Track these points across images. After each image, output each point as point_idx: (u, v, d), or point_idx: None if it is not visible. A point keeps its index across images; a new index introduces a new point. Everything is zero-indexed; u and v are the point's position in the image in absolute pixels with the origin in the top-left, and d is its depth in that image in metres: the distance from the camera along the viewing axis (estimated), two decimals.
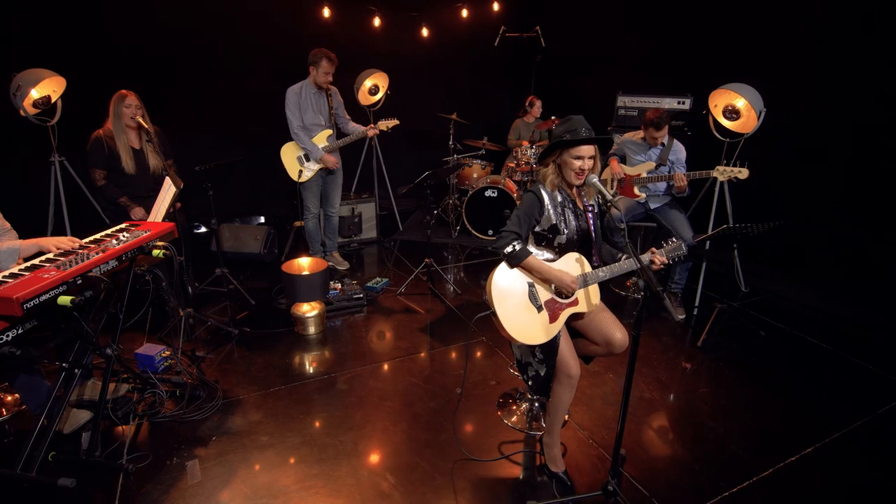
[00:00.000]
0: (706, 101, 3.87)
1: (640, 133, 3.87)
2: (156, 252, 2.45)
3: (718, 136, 3.90)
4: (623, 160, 3.99)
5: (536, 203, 2.18)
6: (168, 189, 2.88)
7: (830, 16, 3.90)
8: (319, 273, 3.43)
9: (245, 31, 5.29)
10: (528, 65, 6.61)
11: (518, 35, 5.87)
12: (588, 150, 2.09)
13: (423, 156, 6.63)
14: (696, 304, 3.95)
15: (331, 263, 4.51)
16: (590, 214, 2.27)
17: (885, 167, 3.73)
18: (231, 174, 4.99)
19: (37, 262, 2.12)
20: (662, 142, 3.78)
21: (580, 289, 2.19)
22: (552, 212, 2.18)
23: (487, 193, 5.20)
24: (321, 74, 3.93)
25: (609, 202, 1.96)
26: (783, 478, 2.33)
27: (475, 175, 5.68)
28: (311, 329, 3.46)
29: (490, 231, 5.37)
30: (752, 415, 2.78)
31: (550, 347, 2.17)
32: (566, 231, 2.19)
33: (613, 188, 4.02)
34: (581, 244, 2.26)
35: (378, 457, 2.42)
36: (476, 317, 2.22)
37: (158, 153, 3.45)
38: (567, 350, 2.18)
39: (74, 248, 2.25)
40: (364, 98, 5.42)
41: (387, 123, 4.14)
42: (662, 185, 3.82)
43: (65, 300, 1.94)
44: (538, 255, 2.20)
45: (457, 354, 3.32)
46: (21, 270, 2.02)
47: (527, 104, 6.00)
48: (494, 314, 2.14)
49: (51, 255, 2.19)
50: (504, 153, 6.12)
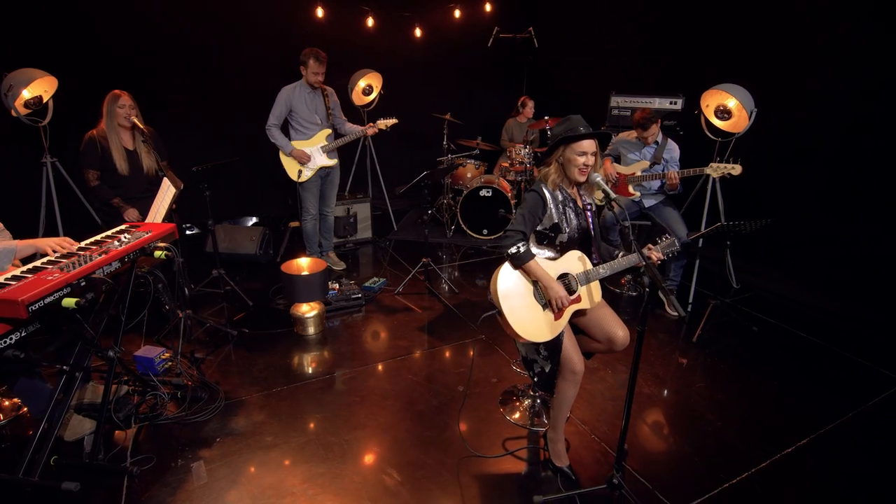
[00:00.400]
0: (698, 102, 3.94)
1: (634, 133, 3.93)
2: (157, 253, 2.43)
3: (710, 136, 3.97)
4: (617, 160, 4.04)
5: (540, 202, 2.21)
6: (167, 190, 2.86)
7: (820, 16, 4.00)
8: (319, 273, 3.43)
9: (238, 31, 5.26)
10: (521, 65, 6.65)
11: (512, 36, 5.90)
12: (590, 146, 2.13)
13: (417, 156, 6.63)
14: (690, 301, 4.02)
15: (327, 264, 4.49)
16: (589, 213, 2.30)
17: (870, 165, 3.83)
18: (227, 175, 4.94)
19: (38, 265, 2.09)
20: (656, 140, 3.84)
21: (583, 286, 2.22)
22: (554, 211, 2.21)
23: (482, 193, 5.23)
24: (310, 74, 3.93)
25: (613, 200, 2.00)
26: (780, 468, 2.40)
27: (469, 175, 5.70)
28: (311, 329, 3.46)
29: (485, 230, 5.38)
30: (748, 408, 2.84)
31: (554, 344, 2.20)
32: (568, 229, 2.22)
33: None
34: (581, 242, 2.30)
35: (383, 455, 2.43)
36: (483, 316, 2.24)
37: (153, 154, 3.42)
38: (571, 347, 2.21)
39: (72, 250, 2.23)
40: (358, 98, 5.43)
41: (386, 122, 4.14)
42: (656, 183, 3.88)
43: (69, 302, 1.93)
44: (540, 254, 2.23)
45: (457, 353, 3.34)
46: (23, 273, 2.00)
47: (519, 104, 6.05)
48: (500, 313, 2.16)
49: (52, 257, 2.17)
50: (497, 153, 6.16)
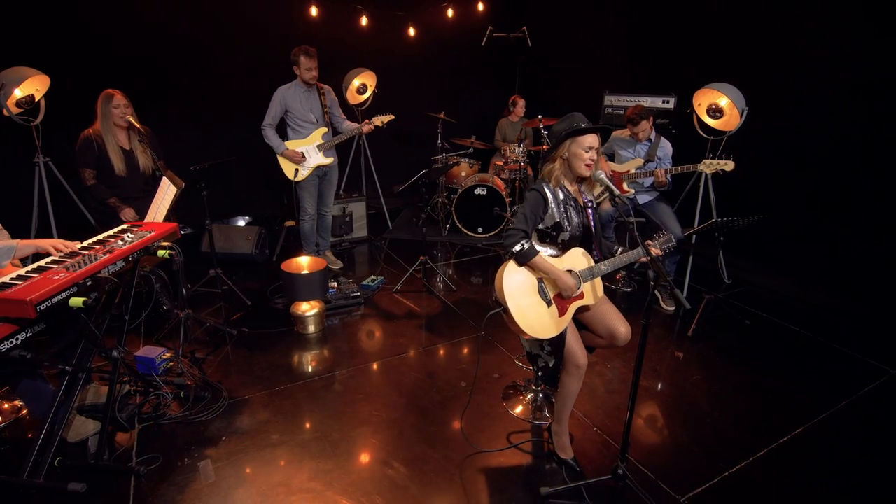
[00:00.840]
0: (690, 100, 4.01)
1: (628, 130, 3.99)
2: (161, 252, 2.42)
3: (703, 134, 4.05)
4: (612, 158, 4.10)
5: (541, 201, 2.25)
6: (167, 189, 2.85)
7: (808, 17, 4.09)
8: (319, 272, 3.44)
9: (231, 31, 5.22)
10: (513, 64, 6.69)
11: (505, 35, 5.94)
12: (594, 141, 2.17)
13: (411, 155, 6.64)
14: (685, 296, 4.09)
15: (327, 262, 4.49)
16: (590, 210, 2.35)
17: (856, 163, 3.93)
18: (221, 175, 4.91)
19: (42, 264, 2.08)
20: (650, 137, 3.90)
21: (587, 282, 2.27)
22: (555, 209, 2.25)
23: (477, 191, 5.26)
24: (304, 71, 3.93)
25: (617, 196, 2.04)
26: (777, 457, 2.46)
27: (463, 173, 5.73)
28: (311, 328, 3.46)
29: (480, 228, 5.43)
30: (744, 399, 2.92)
31: (558, 340, 2.23)
32: (569, 227, 2.26)
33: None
34: (582, 239, 2.34)
35: (389, 450, 2.45)
36: (488, 314, 2.27)
37: (149, 153, 3.39)
38: (574, 342, 2.25)
39: (74, 251, 2.21)
40: (352, 97, 5.42)
41: (382, 118, 4.14)
42: (650, 180, 3.94)
43: (77, 302, 1.92)
44: (543, 252, 2.27)
45: (457, 350, 3.37)
46: (28, 272, 1.99)
47: (510, 103, 6.09)
48: (506, 310, 2.19)
49: (55, 257, 2.16)
50: (490, 152, 6.20)
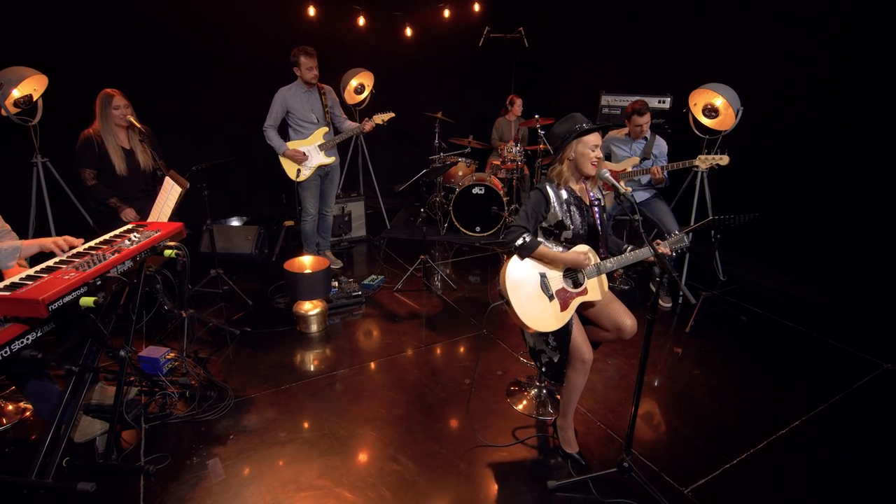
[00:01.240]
0: (685, 100, 4.08)
1: (624, 129, 4.04)
2: (168, 252, 2.42)
3: (698, 133, 4.11)
4: (608, 157, 4.15)
5: (542, 200, 2.29)
6: (171, 189, 2.85)
7: (803, 17, 4.16)
8: (322, 271, 3.45)
9: (228, 30, 5.20)
10: (510, 64, 6.73)
11: (502, 36, 5.98)
12: (598, 140, 2.24)
13: (408, 154, 6.66)
14: (681, 294, 4.13)
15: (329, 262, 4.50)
16: (596, 209, 2.39)
17: (849, 162, 4.02)
18: (220, 175, 4.90)
19: (51, 264, 2.07)
20: (645, 136, 3.95)
21: (592, 278, 2.31)
22: (557, 209, 2.29)
23: (475, 191, 5.30)
24: (304, 71, 3.94)
25: (622, 193, 2.08)
26: (776, 448, 2.52)
27: (460, 173, 5.77)
28: (314, 327, 3.48)
29: (478, 227, 5.46)
30: (743, 393, 2.98)
31: (563, 335, 2.28)
32: (572, 226, 2.31)
33: (601, 185, 4.18)
34: (588, 237, 2.38)
35: (397, 446, 2.47)
36: (491, 306, 2.31)
37: (149, 152, 3.38)
38: (580, 337, 2.30)
39: (79, 249, 2.21)
40: (350, 97, 5.44)
41: (382, 117, 4.14)
42: (647, 177, 4.00)
43: (87, 301, 1.92)
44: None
45: (459, 347, 3.40)
46: (37, 272, 1.98)
47: (507, 102, 6.12)
48: (508, 303, 2.23)
49: (63, 257, 2.15)
50: (486, 151, 6.24)
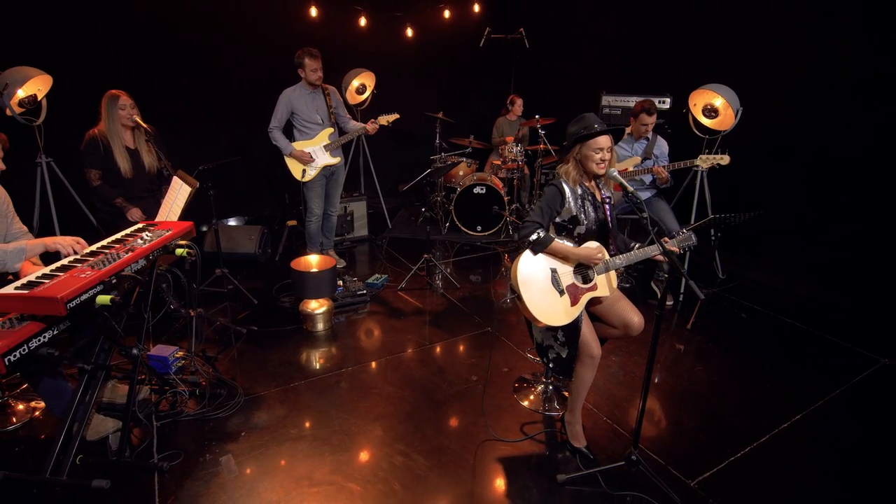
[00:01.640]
0: (685, 101, 4.13)
1: (626, 129, 4.09)
2: (179, 251, 2.45)
3: (698, 133, 4.17)
4: None
5: (558, 195, 2.33)
6: (179, 189, 2.87)
7: (803, 18, 4.22)
8: (328, 270, 3.48)
9: (230, 31, 5.21)
10: (510, 65, 6.78)
11: (503, 36, 6.02)
12: (606, 142, 2.25)
13: (409, 154, 6.69)
14: (682, 291, 4.21)
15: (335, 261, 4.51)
16: (607, 206, 2.43)
17: (847, 160, 4.08)
18: (223, 175, 4.91)
19: (66, 263, 2.09)
20: (647, 136, 4.00)
21: (601, 274, 2.35)
22: (573, 204, 2.33)
23: (476, 190, 5.33)
24: (309, 72, 3.96)
25: (632, 192, 2.12)
26: (779, 442, 2.57)
27: (461, 173, 5.80)
28: (320, 326, 3.50)
29: (479, 227, 5.50)
30: (745, 388, 3.03)
31: (573, 329, 2.32)
32: (585, 222, 2.34)
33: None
34: (598, 234, 2.42)
35: (408, 442, 2.51)
36: (502, 300, 2.34)
37: (154, 151, 3.39)
38: (589, 333, 2.34)
39: (88, 249, 2.23)
40: (351, 97, 5.45)
41: (387, 118, 4.16)
42: (648, 176, 4.05)
43: (104, 299, 1.94)
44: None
45: (464, 345, 3.43)
46: (53, 271, 2.00)
47: (508, 102, 6.16)
48: (520, 298, 2.27)
49: (75, 256, 2.17)
50: (487, 151, 6.27)
